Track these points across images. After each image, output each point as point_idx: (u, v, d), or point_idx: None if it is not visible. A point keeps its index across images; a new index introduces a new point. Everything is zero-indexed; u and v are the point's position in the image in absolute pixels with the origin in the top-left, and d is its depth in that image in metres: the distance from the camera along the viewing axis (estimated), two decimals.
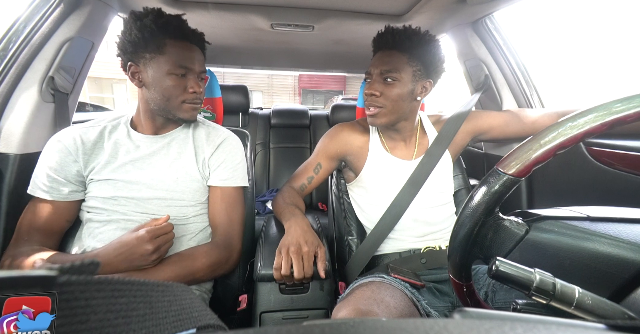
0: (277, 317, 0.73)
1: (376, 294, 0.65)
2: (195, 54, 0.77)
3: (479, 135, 0.95)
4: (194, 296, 0.28)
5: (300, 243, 0.71)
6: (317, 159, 0.95)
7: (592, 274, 0.34)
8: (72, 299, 0.18)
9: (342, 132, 0.94)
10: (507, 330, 0.14)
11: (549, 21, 9.26)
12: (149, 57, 0.73)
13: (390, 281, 0.73)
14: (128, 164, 0.77)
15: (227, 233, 0.81)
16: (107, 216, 0.74)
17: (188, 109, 0.78)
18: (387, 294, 0.66)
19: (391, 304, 0.63)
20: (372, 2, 1.03)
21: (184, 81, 0.75)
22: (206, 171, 0.83)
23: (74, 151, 0.75)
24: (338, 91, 13.17)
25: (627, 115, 0.33)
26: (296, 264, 0.68)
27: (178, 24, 0.74)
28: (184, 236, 0.78)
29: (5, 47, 0.83)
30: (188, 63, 0.74)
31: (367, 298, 0.64)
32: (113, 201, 0.74)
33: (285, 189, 0.94)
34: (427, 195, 0.87)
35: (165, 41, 0.72)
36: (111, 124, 0.82)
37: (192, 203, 0.80)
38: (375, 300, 0.63)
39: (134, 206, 0.75)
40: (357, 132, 0.94)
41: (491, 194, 0.38)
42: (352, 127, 0.96)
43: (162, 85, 0.74)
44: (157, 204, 0.76)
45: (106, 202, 0.74)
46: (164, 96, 0.75)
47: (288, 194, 0.91)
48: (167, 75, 0.73)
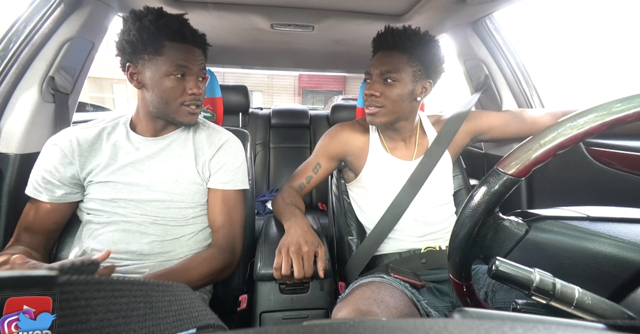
0: (277, 317, 0.73)
1: (376, 294, 0.66)
2: (195, 55, 0.75)
3: (478, 135, 0.95)
4: (194, 296, 0.28)
5: (300, 243, 0.71)
6: (316, 159, 0.95)
7: (592, 274, 0.34)
8: (73, 299, 0.18)
9: (342, 132, 0.94)
10: (507, 330, 0.14)
11: (549, 21, 9.20)
12: (148, 59, 0.72)
13: (390, 281, 0.73)
14: (128, 166, 0.76)
15: (230, 236, 0.81)
16: (107, 218, 0.74)
17: (187, 113, 0.77)
18: (387, 294, 0.66)
19: (391, 304, 0.63)
20: (372, 2, 1.03)
21: (183, 83, 0.74)
22: (206, 174, 0.83)
23: (69, 153, 0.74)
24: (338, 91, 13.17)
25: (627, 115, 0.33)
26: (296, 263, 0.68)
27: (178, 26, 0.72)
28: (183, 237, 0.78)
29: (5, 47, 0.83)
30: (187, 64, 0.73)
31: (367, 298, 0.64)
32: (112, 203, 0.74)
33: (284, 188, 0.94)
34: (427, 195, 0.87)
35: (163, 43, 0.71)
36: (110, 125, 0.81)
37: (192, 205, 0.80)
38: (375, 300, 0.63)
39: (134, 208, 0.75)
40: (357, 132, 0.94)
41: (491, 194, 0.38)
42: (352, 127, 0.96)
43: (161, 87, 0.73)
44: (156, 206, 0.76)
45: (106, 204, 0.74)
46: (162, 98, 0.74)
47: (288, 194, 0.91)
48: (166, 76, 0.72)
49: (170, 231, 0.76)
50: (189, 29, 0.75)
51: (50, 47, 0.89)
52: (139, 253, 0.72)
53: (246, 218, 0.91)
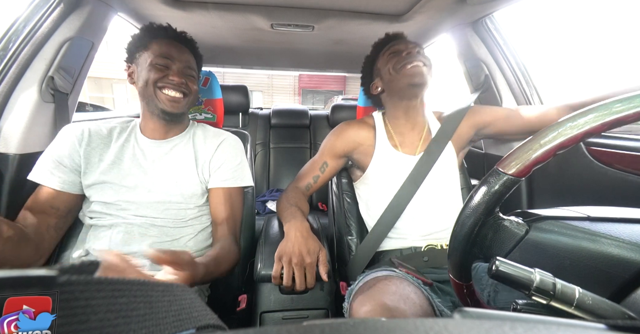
0: (277, 317, 0.73)
1: (401, 289, 0.64)
2: (179, 49, 0.81)
3: (483, 128, 0.95)
4: (194, 296, 0.28)
5: (302, 253, 0.70)
6: (323, 158, 0.95)
7: (592, 274, 0.34)
8: (72, 299, 0.18)
9: (349, 130, 0.94)
10: (507, 330, 0.14)
11: (550, 20, 9.16)
12: (138, 56, 0.79)
13: (407, 277, 0.72)
14: (133, 167, 0.78)
15: (235, 231, 0.83)
16: (110, 220, 0.75)
17: (166, 99, 0.77)
18: (411, 290, 0.65)
19: (417, 302, 0.62)
20: (372, 2, 1.03)
21: (166, 73, 0.78)
22: (206, 175, 0.83)
23: (78, 141, 0.77)
24: (338, 90, 13.17)
25: (627, 115, 0.33)
26: (298, 276, 0.67)
27: (163, 27, 0.82)
28: (182, 238, 0.78)
29: (5, 47, 0.83)
30: (169, 55, 0.78)
31: (392, 293, 0.62)
32: (115, 205, 0.75)
33: (290, 189, 0.94)
34: (430, 192, 0.87)
35: (151, 40, 0.79)
36: (120, 126, 0.84)
37: (191, 206, 0.80)
38: (401, 296, 0.61)
39: (135, 210, 0.75)
40: (364, 129, 0.94)
41: (491, 194, 0.38)
42: (358, 124, 0.96)
43: (145, 75, 0.77)
44: (155, 208, 0.77)
45: (109, 207, 0.75)
46: (144, 82, 0.77)
47: (292, 195, 0.91)
48: (150, 65, 0.76)
49: (170, 233, 0.77)
50: (173, 28, 0.84)
51: (49, 47, 0.88)
52: (141, 254, 0.73)
53: (246, 218, 0.91)
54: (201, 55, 0.89)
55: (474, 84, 1.21)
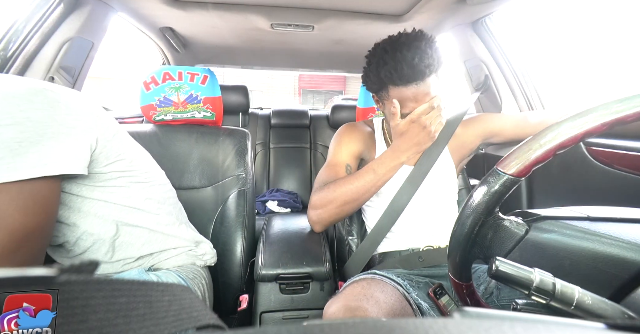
0: (277, 317, 0.73)
1: (366, 290, 0.66)
2: None
3: (490, 137, 0.93)
4: (194, 296, 0.28)
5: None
6: (344, 160, 0.89)
7: (592, 274, 0.34)
8: (72, 298, 0.18)
9: (357, 131, 0.95)
10: (507, 330, 0.14)
11: (550, 20, 9.18)
12: None
13: (381, 277, 0.73)
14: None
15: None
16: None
17: None
18: (377, 289, 0.67)
19: (381, 299, 0.64)
20: (372, 2, 1.03)
21: None
22: None
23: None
24: (338, 91, 13.17)
25: (627, 115, 0.33)
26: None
27: None
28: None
29: (5, 47, 0.83)
30: None
31: (356, 294, 0.65)
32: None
33: (321, 189, 0.83)
34: (427, 195, 0.87)
35: None
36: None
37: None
38: (365, 296, 0.64)
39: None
40: (367, 133, 0.95)
41: (491, 194, 0.38)
42: (362, 126, 0.97)
43: None
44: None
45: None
46: None
47: (331, 185, 0.81)
48: None
49: None
50: None
51: (50, 47, 0.89)
52: None
53: (246, 218, 0.91)
54: None
55: (474, 84, 1.21)
